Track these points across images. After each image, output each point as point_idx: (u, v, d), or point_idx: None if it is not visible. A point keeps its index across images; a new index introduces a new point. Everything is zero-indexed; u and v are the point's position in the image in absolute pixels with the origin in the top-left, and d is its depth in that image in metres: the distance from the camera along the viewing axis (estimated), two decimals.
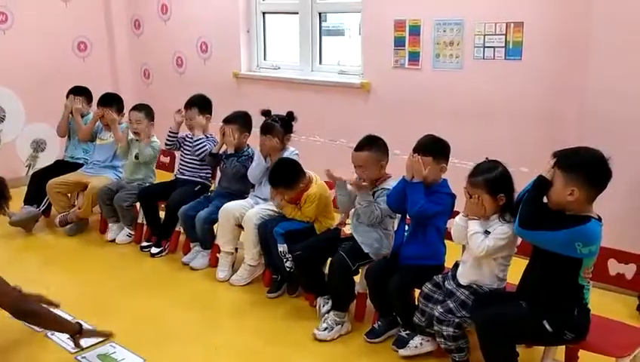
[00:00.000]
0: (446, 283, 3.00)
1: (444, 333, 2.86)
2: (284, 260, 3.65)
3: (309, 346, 3.31)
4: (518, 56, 4.22)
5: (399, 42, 4.81)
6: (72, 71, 6.22)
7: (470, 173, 2.89)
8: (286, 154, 3.96)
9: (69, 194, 5.06)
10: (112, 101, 5.04)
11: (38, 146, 6.22)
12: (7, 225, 4.81)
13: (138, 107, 4.81)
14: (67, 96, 5.19)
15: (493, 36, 4.32)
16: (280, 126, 3.98)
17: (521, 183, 2.82)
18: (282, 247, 3.65)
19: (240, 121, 4.27)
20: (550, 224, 2.53)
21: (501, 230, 2.78)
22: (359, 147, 3.39)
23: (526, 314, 2.66)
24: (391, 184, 3.37)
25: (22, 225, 4.90)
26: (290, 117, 4.04)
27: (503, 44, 4.28)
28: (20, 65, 5.98)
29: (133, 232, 4.76)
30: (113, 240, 4.75)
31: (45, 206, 5.05)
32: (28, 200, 4.99)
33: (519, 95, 4.27)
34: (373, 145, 3.38)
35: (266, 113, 4.08)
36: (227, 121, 4.27)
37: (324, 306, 3.51)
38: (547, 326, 2.58)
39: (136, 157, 4.73)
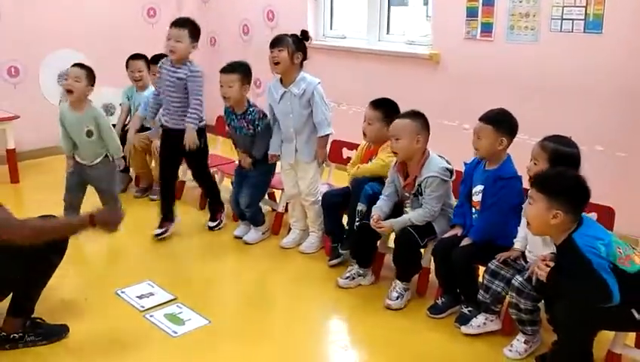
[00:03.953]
0: (517, 260, 2.97)
1: (522, 306, 2.80)
2: (357, 219, 3.57)
3: (372, 316, 3.32)
4: (599, 29, 4.03)
5: (472, 12, 4.66)
6: (141, 36, 6.30)
7: (545, 137, 2.88)
8: (307, 81, 3.77)
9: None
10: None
11: (108, 110, 6.33)
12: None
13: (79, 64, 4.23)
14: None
15: (573, 8, 4.13)
16: (292, 41, 3.75)
17: (594, 163, 2.71)
18: (361, 206, 3.55)
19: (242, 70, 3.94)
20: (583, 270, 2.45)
21: None
22: (401, 115, 3.39)
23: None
24: (435, 167, 3.31)
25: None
26: (304, 36, 3.82)
27: (583, 17, 4.09)
28: (91, 29, 6.11)
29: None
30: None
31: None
32: None
33: (598, 70, 4.09)
34: (416, 117, 3.35)
35: (303, 33, 3.85)
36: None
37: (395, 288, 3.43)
38: (636, 315, 2.51)
39: (89, 134, 4.10)
